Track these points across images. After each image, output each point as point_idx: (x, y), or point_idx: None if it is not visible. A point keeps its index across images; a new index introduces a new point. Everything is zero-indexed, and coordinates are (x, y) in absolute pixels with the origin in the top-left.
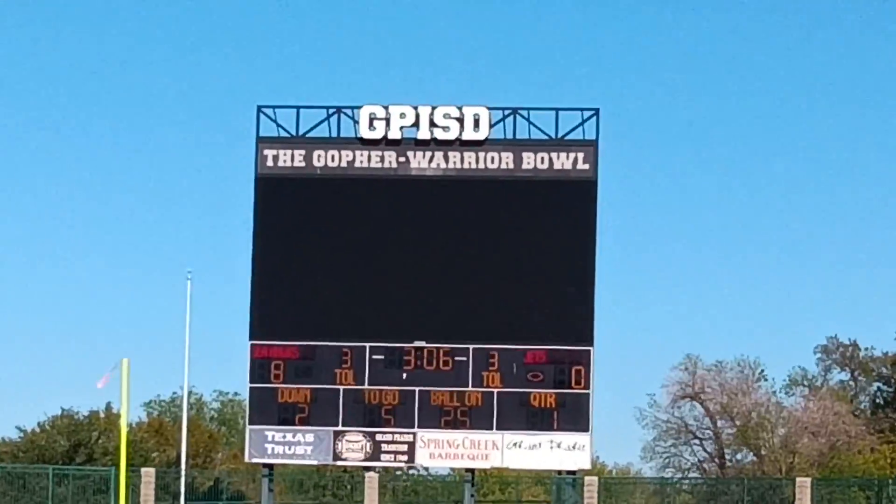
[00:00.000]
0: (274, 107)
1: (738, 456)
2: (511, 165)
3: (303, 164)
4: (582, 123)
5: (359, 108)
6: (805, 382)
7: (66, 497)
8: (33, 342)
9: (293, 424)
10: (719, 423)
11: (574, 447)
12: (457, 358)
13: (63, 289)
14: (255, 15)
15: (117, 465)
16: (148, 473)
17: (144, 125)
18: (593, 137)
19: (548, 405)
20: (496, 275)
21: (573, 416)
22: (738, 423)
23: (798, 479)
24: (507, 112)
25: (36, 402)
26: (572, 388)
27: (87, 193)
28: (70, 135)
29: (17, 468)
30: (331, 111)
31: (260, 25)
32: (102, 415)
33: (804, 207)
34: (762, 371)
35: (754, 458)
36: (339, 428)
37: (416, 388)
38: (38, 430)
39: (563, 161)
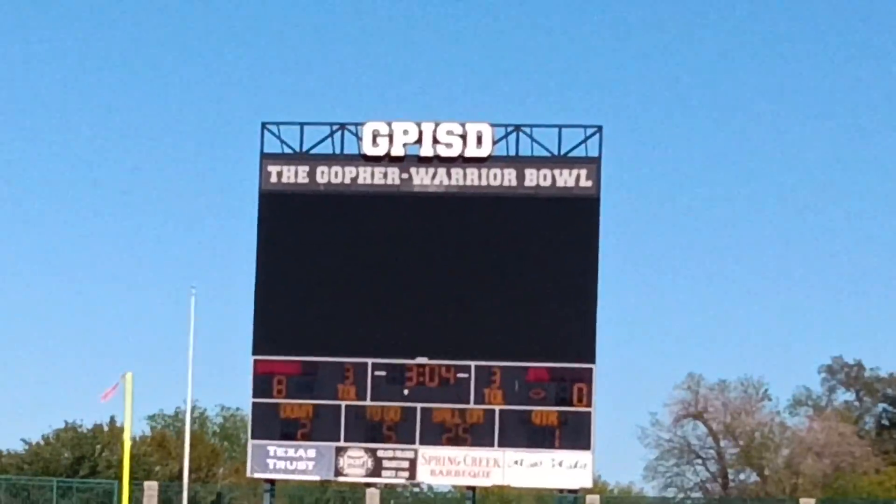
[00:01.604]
0: (278, 123)
1: (742, 476)
2: (514, 182)
3: (306, 180)
4: (585, 140)
5: (362, 124)
6: (809, 402)
7: None
8: (38, 355)
9: (295, 440)
10: (722, 443)
11: (576, 465)
12: (459, 374)
13: (68, 302)
14: (260, 32)
15: (120, 479)
16: (151, 487)
17: (149, 142)
18: (596, 154)
19: (549, 423)
20: (498, 291)
21: (575, 434)
22: (741, 442)
23: (802, 501)
24: (509, 129)
25: (41, 414)
26: (574, 406)
27: (92, 208)
28: (76, 150)
29: (21, 480)
30: (334, 128)
31: (264, 43)
32: (106, 428)
33: (810, 226)
34: (766, 390)
35: (758, 479)
36: (341, 444)
37: (418, 405)
38: (42, 442)
39: (565, 178)
